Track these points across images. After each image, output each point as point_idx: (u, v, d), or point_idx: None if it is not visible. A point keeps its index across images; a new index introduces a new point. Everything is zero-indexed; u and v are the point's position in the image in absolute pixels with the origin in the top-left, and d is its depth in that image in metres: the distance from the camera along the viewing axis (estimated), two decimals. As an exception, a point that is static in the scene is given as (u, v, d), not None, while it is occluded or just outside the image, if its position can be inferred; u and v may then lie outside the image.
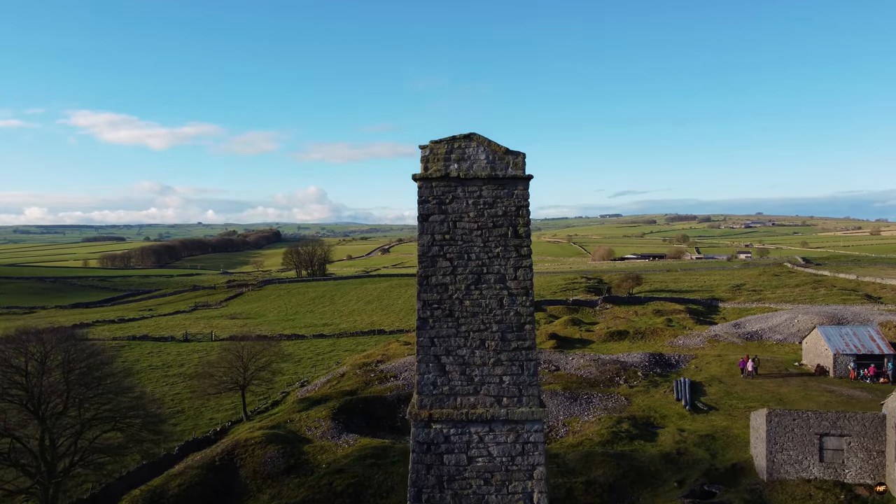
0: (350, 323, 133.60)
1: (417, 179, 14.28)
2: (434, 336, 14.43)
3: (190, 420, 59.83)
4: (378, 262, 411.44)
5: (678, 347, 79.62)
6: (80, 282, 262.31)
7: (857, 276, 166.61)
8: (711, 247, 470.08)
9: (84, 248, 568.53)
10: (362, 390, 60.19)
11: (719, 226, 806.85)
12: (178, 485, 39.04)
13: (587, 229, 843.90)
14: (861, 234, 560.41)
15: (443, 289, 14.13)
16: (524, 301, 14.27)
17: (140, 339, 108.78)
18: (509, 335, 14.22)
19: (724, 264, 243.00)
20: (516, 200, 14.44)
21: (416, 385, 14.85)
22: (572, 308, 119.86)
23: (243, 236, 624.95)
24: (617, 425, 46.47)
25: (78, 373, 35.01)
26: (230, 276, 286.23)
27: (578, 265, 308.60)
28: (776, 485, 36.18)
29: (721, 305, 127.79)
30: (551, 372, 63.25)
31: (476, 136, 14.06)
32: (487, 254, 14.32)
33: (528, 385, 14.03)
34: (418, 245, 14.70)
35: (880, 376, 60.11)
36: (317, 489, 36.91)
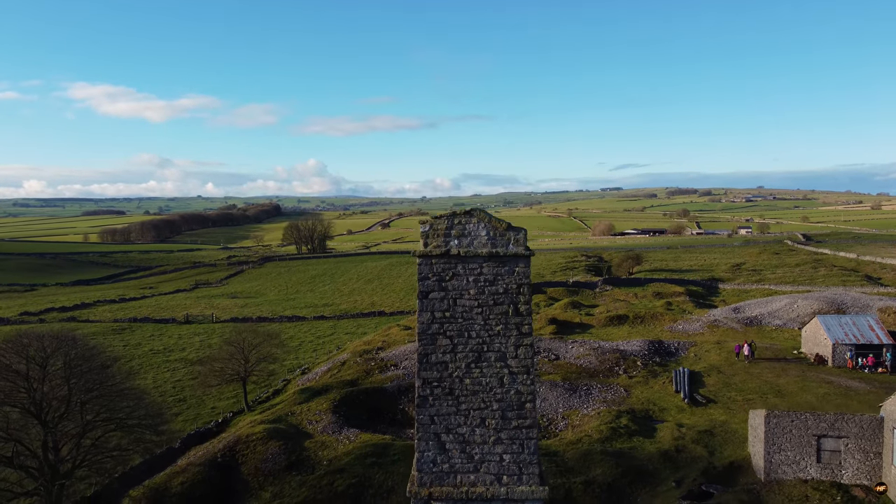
0: (350, 303, 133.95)
1: (418, 256, 14.11)
2: (434, 414, 14.37)
3: (192, 409, 60.23)
4: (378, 237, 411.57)
5: (678, 333, 79.83)
6: (80, 258, 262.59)
7: (857, 254, 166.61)
8: (712, 221, 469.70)
9: (84, 222, 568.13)
10: (363, 380, 60.50)
11: (720, 199, 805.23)
12: (181, 483, 39.42)
13: (588, 203, 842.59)
14: (862, 209, 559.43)
15: (443, 367, 14.06)
16: (525, 380, 14.19)
17: (141, 322, 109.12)
18: (510, 414, 14.16)
19: (724, 241, 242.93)
20: (517, 278, 14.29)
21: (415, 462, 14.83)
22: (572, 290, 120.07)
23: (243, 210, 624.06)
24: (616, 420, 46.76)
25: (79, 376, 35.11)
26: (230, 252, 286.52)
27: (579, 241, 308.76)
28: (773, 485, 36.48)
29: (721, 287, 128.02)
30: (551, 361, 63.54)
31: (477, 212, 13.89)
32: (488, 332, 14.19)
33: (528, 463, 13.99)
34: (418, 322, 14.59)
35: (879, 366, 60.34)
36: (318, 489, 37.26)
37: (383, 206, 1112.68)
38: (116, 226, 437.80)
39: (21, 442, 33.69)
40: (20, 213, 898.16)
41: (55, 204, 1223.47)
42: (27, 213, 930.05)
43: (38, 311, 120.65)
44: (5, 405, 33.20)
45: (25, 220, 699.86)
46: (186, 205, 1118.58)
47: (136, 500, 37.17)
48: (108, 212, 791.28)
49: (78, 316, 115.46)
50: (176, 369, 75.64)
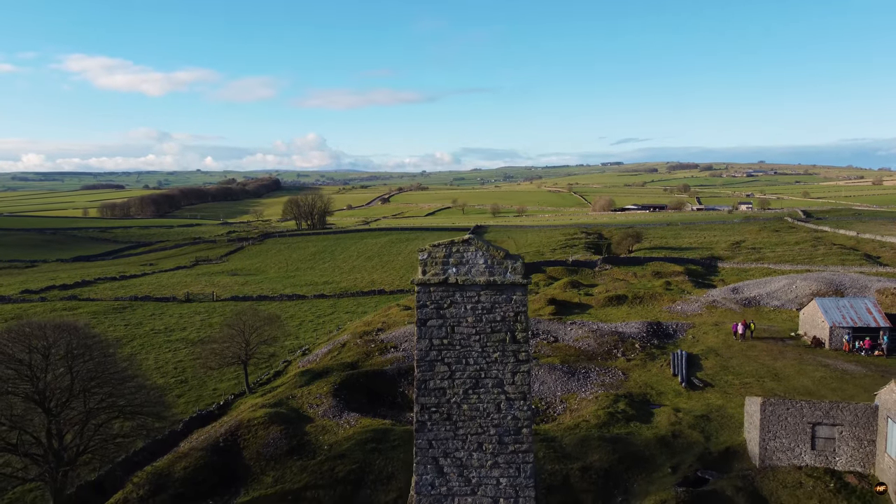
0: (350, 281, 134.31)
1: (416, 284, 14.20)
2: (432, 439, 14.59)
3: (194, 391, 60.77)
4: (378, 212, 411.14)
5: (676, 314, 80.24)
6: (80, 233, 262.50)
7: (857, 232, 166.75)
8: (712, 196, 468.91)
9: (83, 197, 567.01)
10: (363, 362, 60.96)
11: (721, 174, 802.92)
12: (184, 468, 39.94)
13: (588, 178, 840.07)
14: (863, 184, 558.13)
15: (441, 393, 14.25)
16: (521, 405, 14.38)
17: (142, 300, 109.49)
18: (507, 438, 14.37)
19: (724, 218, 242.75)
20: (514, 306, 14.39)
21: (413, 485, 15.10)
22: (571, 269, 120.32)
23: (242, 185, 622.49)
24: (613, 405, 47.23)
25: (81, 364, 35.42)
26: (230, 227, 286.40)
27: (579, 217, 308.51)
28: (768, 472, 36.99)
29: (720, 265, 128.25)
30: (550, 343, 63.95)
31: (475, 240, 13.94)
32: (485, 359, 14.33)
33: (524, 487, 14.24)
34: (416, 349, 14.72)
35: (875, 349, 60.74)
36: (319, 474, 37.76)
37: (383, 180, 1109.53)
38: (116, 200, 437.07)
39: (25, 430, 34.11)
40: (19, 187, 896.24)
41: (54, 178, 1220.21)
42: (26, 186, 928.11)
43: (39, 290, 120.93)
44: (9, 394, 33.52)
45: (24, 193, 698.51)
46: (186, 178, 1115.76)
47: (139, 484, 37.70)
48: (108, 186, 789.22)
49: (79, 294, 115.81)
50: (177, 349, 76.13)
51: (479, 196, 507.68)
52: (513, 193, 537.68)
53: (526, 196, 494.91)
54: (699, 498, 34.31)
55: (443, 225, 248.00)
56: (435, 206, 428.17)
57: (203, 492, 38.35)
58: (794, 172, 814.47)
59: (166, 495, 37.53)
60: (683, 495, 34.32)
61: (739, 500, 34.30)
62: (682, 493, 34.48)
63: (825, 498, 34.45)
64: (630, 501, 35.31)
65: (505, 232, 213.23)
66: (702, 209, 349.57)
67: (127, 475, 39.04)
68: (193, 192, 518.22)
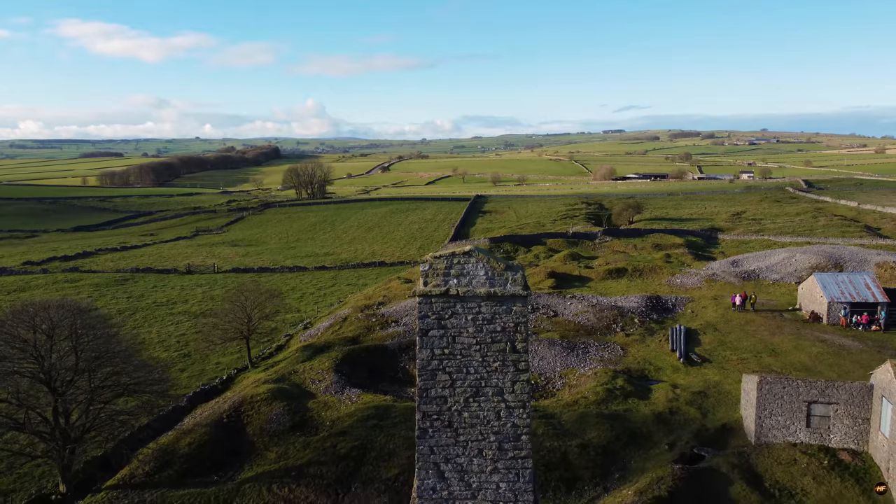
0: (351, 253, 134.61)
1: (418, 295, 14.41)
2: (433, 445, 14.94)
3: (197, 365, 61.36)
4: (378, 181, 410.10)
5: (675, 288, 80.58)
6: (80, 202, 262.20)
7: (858, 203, 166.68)
8: (714, 165, 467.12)
9: (82, 165, 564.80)
10: (364, 337, 61.47)
11: (723, 142, 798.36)
12: (188, 443, 40.60)
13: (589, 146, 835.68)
14: (866, 153, 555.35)
15: (442, 401, 14.59)
16: (521, 413, 14.67)
17: (143, 272, 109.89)
18: (506, 445, 14.71)
19: (725, 187, 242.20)
20: (515, 317, 14.59)
21: (415, 489, 15.49)
22: (572, 241, 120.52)
23: (242, 153, 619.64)
24: (612, 381, 47.76)
25: (85, 344, 35.81)
26: (230, 196, 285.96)
27: (579, 186, 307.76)
28: (763, 448, 37.60)
29: (720, 237, 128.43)
30: (549, 318, 64.39)
31: (476, 252, 14.09)
32: (486, 368, 14.61)
33: (523, 491, 14.64)
34: (418, 359, 14.97)
35: (872, 324, 61.18)
36: (321, 451, 38.41)
37: (383, 148, 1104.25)
38: (115, 168, 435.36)
39: (32, 408, 34.62)
40: (17, 155, 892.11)
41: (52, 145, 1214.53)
42: (24, 154, 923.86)
43: (40, 261, 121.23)
44: (15, 373, 33.96)
45: (23, 161, 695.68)
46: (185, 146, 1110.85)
47: (145, 461, 38.37)
48: (106, 154, 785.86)
49: (80, 266, 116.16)
50: (179, 322, 76.67)
51: (479, 164, 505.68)
52: (513, 162, 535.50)
53: (527, 164, 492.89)
54: (695, 475, 34.92)
55: (443, 195, 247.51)
56: (435, 175, 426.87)
57: (208, 467, 39.06)
58: (796, 141, 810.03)
59: (172, 471, 38.23)
60: (680, 472, 34.91)
61: (735, 477, 34.90)
62: (679, 471, 35.08)
63: (819, 475, 35.08)
64: (627, 478, 35.98)
65: (505, 202, 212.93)
66: (703, 178, 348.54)
67: (132, 451, 39.69)
68: (193, 161, 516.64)
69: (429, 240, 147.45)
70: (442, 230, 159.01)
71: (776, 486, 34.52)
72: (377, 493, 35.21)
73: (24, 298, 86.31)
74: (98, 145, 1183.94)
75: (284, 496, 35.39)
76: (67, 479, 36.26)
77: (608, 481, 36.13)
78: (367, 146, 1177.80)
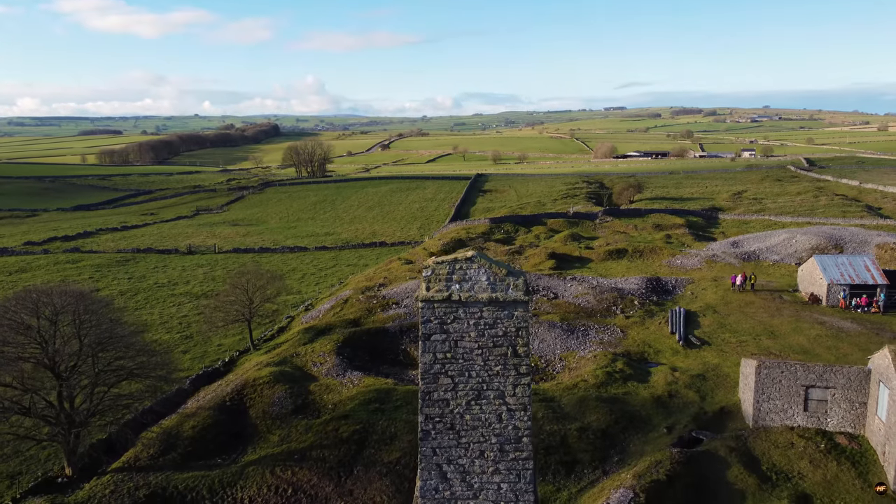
0: (351, 232, 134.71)
1: (420, 301, 14.56)
2: (436, 447, 15.18)
3: (199, 346, 61.78)
4: (378, 159, 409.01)
5: (675, 269, 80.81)
6: (79, 181, 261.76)
7: (859, 182, 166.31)
8: (716, 143, 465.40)
9: (81, 142, 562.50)
10: (365, 319, 61.78)
11: (725, 120, 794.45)
12: (192, 426, 41.04)
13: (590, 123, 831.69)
14: (868, 130, 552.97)
15: (444, 404, 14.82)
16: (522, 416, 14.89)
17: (144, 252, 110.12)
18: (507, 447, 14.95)
19: (727, 166, 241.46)
20: (516, 322, 14.75)
21: (417, 489, 15.77)
22: (572, 221, 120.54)
23: (241, 130, 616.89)
24: (612, 364, 48.10)
25: (89, 331, 36.07)
26: (230, 175, 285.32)
27: (580, 164, 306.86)
28: (761, 432, 37.99)
29: (721, 217, 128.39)
30: (550, 300, 64.65)
31: (477, 258, 14.19)
32: (487, 372, 14.82)
33: (524, 491, 14.92)
34: (420, 362, 15.15)
35: (871, 306, 61.44)
36: (324, 434, 38.82)
37: (383, 125, 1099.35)
38: (114, 146, 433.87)
39: (37, 393, 34.98)
40: (16, 133, 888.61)
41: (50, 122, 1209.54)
42: (23, 132, 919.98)
43: (41, 241, 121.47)
44: (20, 359, 34.26)
45: (21, 139, 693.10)
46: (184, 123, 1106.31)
47: (149, 444, 38.81)
48: (105, 131, 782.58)
49: (81, 246, 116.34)
50: (181, 304, 77.03)
51: (480, 142, 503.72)
52: (514, 139, 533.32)
53: (527, 142, 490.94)
54: (693, 458, 35.34)
55: (443, 173, 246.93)
56: (435, 153, 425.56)
57: (211, 450, 39.52)
58: (798, 118, 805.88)
59: (176, 454, 38.69)
60: (678, 456, 35.33)
61: (732, 460, 35.32)
62: (677, 454, 35.50)
63: (815, 458, 35.48)
64: (626, 461, 36.40)
65: (506, 181, 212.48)
66: (704, 156, 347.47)
67: (136, 434, 40.10)
68: (192, 138, 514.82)
69: (429, 219, 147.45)
70: (442, 210, 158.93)
71: (773, 468, 34.95)
72: (379, 475, 35.66)
73: (25, 279, 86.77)
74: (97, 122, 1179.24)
75: (288, 479, 35.84)
76: (73, 462, 36.75)
77: (607, 465, 36.57)
78: (367, 123, 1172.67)
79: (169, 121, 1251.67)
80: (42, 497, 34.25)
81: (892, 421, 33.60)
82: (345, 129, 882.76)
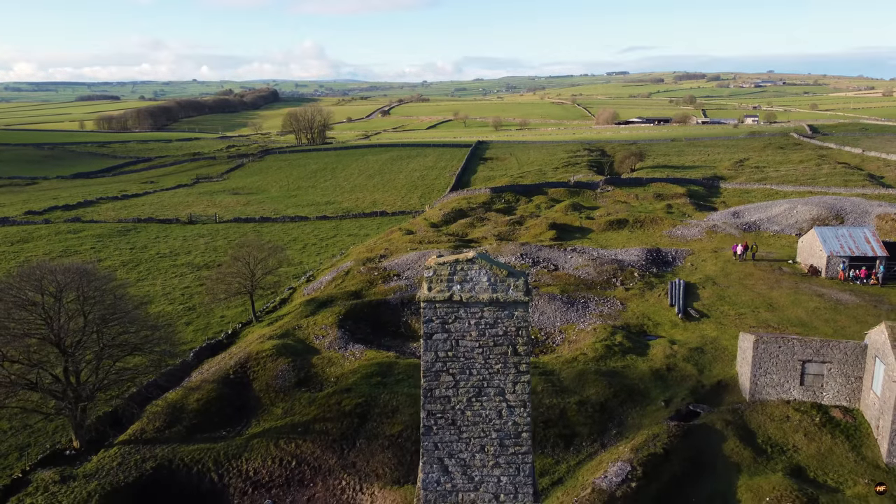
0: (352, 202, 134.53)
1: (422, 301, 14.72)
2: (438, 441, 15.53)
3: (202, 318, 62.26)
4: (378, 125, 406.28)
5: (676, 240, 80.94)
6: (78, 148, 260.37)
7: (862, 149, 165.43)
8: (719, 109, 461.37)
9: (79, 108, 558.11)
10: (366, 291, 62.14)
11: (728, 85, 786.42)
12: (197, 399, 41.65)
13: (592, 89, 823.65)
14: (873, 95, 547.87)
15: (446, 400, 15.13)
16: (522, 412, 15.20)
17: (146, 222, 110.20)
18: (507, 442, 15.28)
19: (729, 133, 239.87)
20: (516, 322, 14.95)
21: (420, 482, 16.15)
22: (573, 191, 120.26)
23: (240, 96, 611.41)
24: (611, 337, 48.55)
25: (93, 305, 36.42)
26: (229, 142, 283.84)
27: (582, 131, 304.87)
28: (757, 405, 38.57)
29: (722, 186, 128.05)
30: (550, 272, 64.93)
31: (479, 259, 14.32)
32: (488, 370, 15.07)
33: (523, 484, 15.31)
34: (422, 361, 15.40)
35: (870, 278, 61.74)
36: (326, 407, 39.41)
37: (383, 90, 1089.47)
38: (113, 112, 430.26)
39: (44, 367, 35.48)
40: (12, 98, 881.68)
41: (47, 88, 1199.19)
42: (19, 97, 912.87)
43: (41, 210, 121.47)
44: (25, 336, 34.67)
45: (18, 105, 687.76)
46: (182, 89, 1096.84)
47: (154, 417, 39.44)
48: (103, 97, 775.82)
49: (82, 216, 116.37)
50: (183, 275, 77.37)
51: (480, 108, 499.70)
52: (515, 105, 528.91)
53: (528, 108, 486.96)
54: (689, 432, 35.96)
55: (444, 140, 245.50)
56: (436, 119, 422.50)
57: (216, 423, 40.16)
58: (803, 83, 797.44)
59: (181, 427, 39.34)
60: (675, 430, 35.95)
61: (728, 433, 35.93)
62: (674, 428, 36.11)
63: (810, 431, 36.09)
64: (624, 434, 37.04)
65: (507, 148, 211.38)
66: (707, 122, 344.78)
67: (141, 407, 40.73)
68: (190, 105, 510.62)
69: (430, 188, 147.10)
70: (443, 178, 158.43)
71: (768, 442, 35.58)
72: (381, 448, 36.32)
73: (27, 249, 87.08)
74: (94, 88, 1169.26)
75: (291, 451, 36.52)
76: (80, 435, 37.41)
77: (605, 438, 37.21)
78: (367, 88, 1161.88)
79: (167, 86, 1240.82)
80: (51, 469, 34.95)
81: (886, 395, 34.10)
82: (344, 94, 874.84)
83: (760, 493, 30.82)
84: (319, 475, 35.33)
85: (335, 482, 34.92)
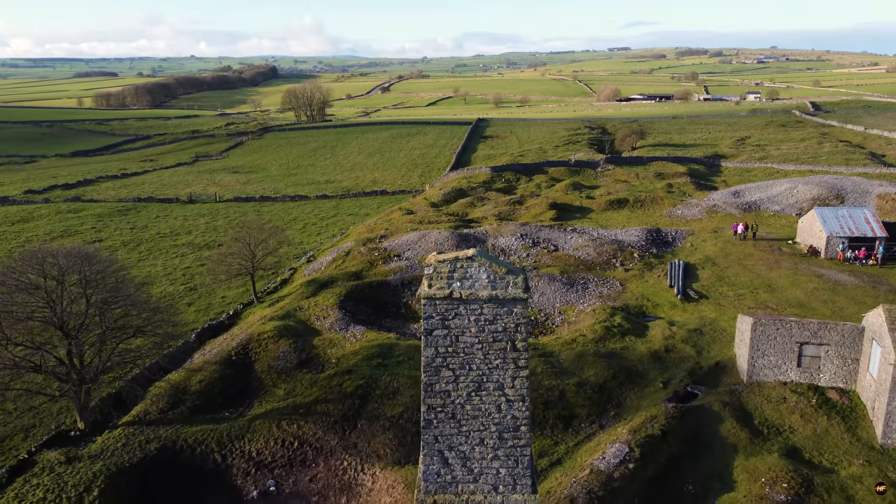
0: (352, 180, 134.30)
1: (423, 298, 14.87)
2: (438, 434, 15.82)
3: (203, 299, 62.55)
4: (378, 102, 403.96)
5: (676, 220, 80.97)
6: (77, 125, 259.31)
7: (864, 127, 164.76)
8: (721, 85, 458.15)
9: (76, 85, 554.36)
10: (367, 271, 62.36)
11: (731, 61, 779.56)
12: (199, 381, 42.01)
13: (593, 65, 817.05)
14: (876, 72, 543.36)
15: (446, 395, 15.39)
16: (520, 406, 15.45)
17: (146, 201, 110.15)
18: (506, 435, 15.56)
19: (731, 110, 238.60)
20: (515, 318, 15.12)
21: (420, 474, 16.47)
22: (574, 170, 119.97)
23: (239, 73, 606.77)
24: (610, 318, 48.83)
25: (95, 290, 36.63)
26: (228, 119, 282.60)
27: (583, 108, 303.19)
28: (754, 387, 38.93)
29: (723, 164, 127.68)
30: (550, 253, 65.08)
31: (478, 256, 14.44)
32: (487, 365, 15.29)
33: (522, 476, 15.62)
34: (423, 356, 15.59)
35: (869, 258, 61.88)
36: (328, 389, 39.78)
37: (383, 67, 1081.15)
38: (111, 89, 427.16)
39: (48, 350, 35.78)
40: (9, 74, 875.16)
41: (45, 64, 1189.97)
42: (16, 74, 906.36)
43: (41, 189, 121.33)
44: (29, 319, 34.92)
45: (16, 81, 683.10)
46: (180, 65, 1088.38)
47: (157, 398, 39.83)
48: (100, 73, 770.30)
49: (82, 195, 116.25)
50: (184, 255, 77.53)
51: (481, 85, 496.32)
52: (516, 82, 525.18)
53: (529, 85, 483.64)
54: (687, 413, 36.35)
55: (444, 118, 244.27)
56: (436, 96, 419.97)
57: (219, 404, 40.57)
58: (806, 59, 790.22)
59: (184, 408, 39.74)
60: (672, 411, 36.33)
61: (726, 415, 36.32)
62: (672, 409, 36.50)
63: (807, 413, 36.48)
64: (622, 416, 37.45)
65: (507, 126, 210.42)
66: (709, 99, 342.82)
67: (144, 389, 41.12)
68: (189, 81, 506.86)
69: (430, 167, 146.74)
70: (443, 157, 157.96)
71: (765, 423, 35.98)
72: (382, 429, 36.73)
73: (28, 229, 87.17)
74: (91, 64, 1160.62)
75: (293, 432, 36.94)
76: (85, 416, 37.84)
77: (604, 419, 37.62)
78: (366, 65, 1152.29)
79: (165, 62, 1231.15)
80: (57, 450, 35.38)
81: (882, 377, 34.41)
82: (344, 70, 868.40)
83: (756, 474, 31.25)
84: (321, 456, 35.79)
85: (337, 463, 35.39)
